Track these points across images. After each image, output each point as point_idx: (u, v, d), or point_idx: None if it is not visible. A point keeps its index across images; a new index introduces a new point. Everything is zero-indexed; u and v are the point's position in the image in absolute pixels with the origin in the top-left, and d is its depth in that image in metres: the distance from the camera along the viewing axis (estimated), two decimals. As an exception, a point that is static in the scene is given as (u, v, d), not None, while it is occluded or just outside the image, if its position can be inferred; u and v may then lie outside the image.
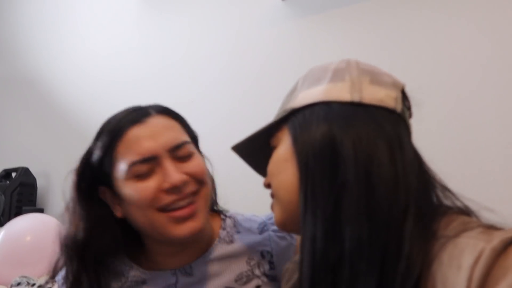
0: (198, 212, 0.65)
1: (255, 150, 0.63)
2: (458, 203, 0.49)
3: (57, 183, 1.94)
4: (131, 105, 0.72)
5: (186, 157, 0.67)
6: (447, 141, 0.88)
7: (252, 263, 0.72)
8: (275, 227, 0.76)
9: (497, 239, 0.39)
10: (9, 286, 1.24)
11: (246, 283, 0.70)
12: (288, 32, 1.33)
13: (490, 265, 0.38)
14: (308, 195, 0.48)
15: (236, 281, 0.69)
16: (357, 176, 0.46)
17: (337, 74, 0.54)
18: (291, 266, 0.65)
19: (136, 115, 0.67)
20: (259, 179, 0.63)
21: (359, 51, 1.17)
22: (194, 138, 0.74)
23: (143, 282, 0.70)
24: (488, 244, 0.39)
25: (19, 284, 1.20)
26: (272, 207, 0.58)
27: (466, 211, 0.48)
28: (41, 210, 1.85)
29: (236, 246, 0.73)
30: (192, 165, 0.67)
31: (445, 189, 0.51)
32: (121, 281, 0.71)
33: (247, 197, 1.31)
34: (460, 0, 1.08)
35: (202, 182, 0.67)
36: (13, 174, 1.93)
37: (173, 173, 0.63)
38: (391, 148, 0.48)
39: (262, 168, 0.64)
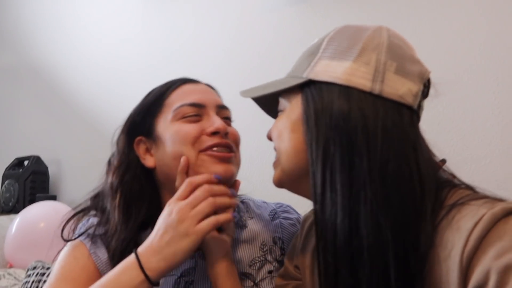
0: (234, 164, 0.69)
1: (265, 97, 0.62)
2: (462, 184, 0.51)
3: (68, 170, 1.99)
4: (136, 92, 0.76)
5: (228, 120, 0.73)
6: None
7: (265, 248, 0.73)
8: (285, 215, 0.79)
9: (499, 206, 0.41)
10: (26, 270, 1.29)
11: (259, 268, 0.71)
12: (289, 17, 1.33)
13: (487, 228, 0.40)
14: (326, 181, 0.49)
15: (250, 266, 0.71)
16: (372, 172, 0.47)
17: (365, 52, 0.51)
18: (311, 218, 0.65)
19: (189, 79, 0.75)
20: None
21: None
22: None
23: None
24: (490, 210, 0.41)
25: (35, 268, 1.25)
26: (273, 164, 0.60)
27: (472, 188, 0.49)
28: (53, 197, 1.91)
29: (250, 231, 0.74)
30: (232, 129, 0.72)
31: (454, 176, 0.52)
32: None
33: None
34: None
35: (237, 148, 0.71)
36: (25, 163, 1.98)
37: (218, 120, 0.67)
38: (405, 147, 0.48)
39: (272, 111, 0.63)
